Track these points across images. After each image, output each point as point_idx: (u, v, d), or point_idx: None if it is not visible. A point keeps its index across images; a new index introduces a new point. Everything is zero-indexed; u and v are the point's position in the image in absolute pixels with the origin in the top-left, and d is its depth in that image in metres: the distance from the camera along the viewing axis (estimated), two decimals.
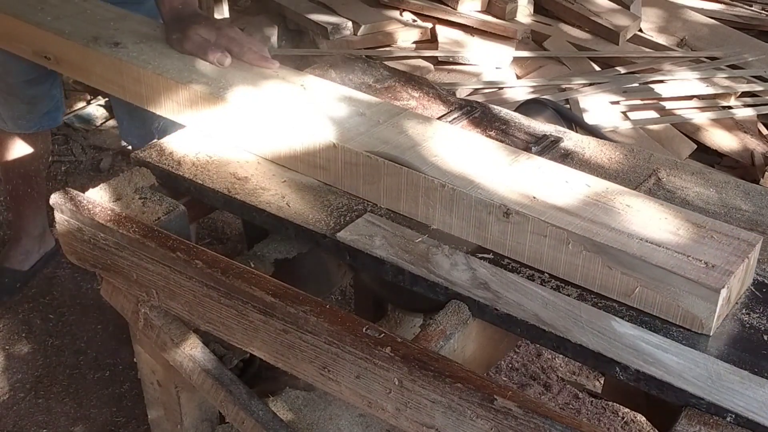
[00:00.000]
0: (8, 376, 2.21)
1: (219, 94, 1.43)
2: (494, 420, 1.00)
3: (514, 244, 1.20)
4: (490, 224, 1.21)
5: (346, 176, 1.32)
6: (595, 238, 1.13)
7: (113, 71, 1.54)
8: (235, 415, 1.30)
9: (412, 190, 1.27)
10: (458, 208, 1.23)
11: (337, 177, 1.34)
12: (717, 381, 1.02)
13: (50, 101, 2.13)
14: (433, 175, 1.24)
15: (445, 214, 1.25)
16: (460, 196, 1.22)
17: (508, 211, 1.18)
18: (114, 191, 1.37)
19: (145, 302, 1.35)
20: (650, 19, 3.96)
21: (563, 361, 2.32)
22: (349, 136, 1.33)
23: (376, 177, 1.29)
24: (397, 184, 1.27)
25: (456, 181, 1.23)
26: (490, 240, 1.22)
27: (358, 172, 1.31)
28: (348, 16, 3.69)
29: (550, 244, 1.17)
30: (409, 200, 1.28)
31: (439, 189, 1.23)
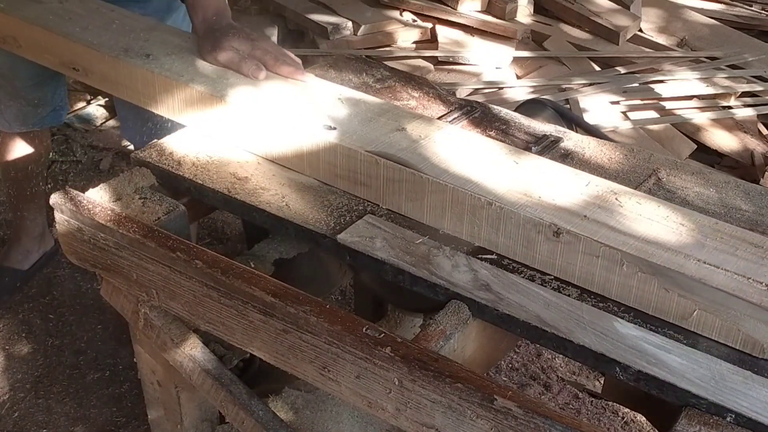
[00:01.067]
0: (8, 376, 2.21)
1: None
2: (494, 420, 1.00)
3: (564, 265, 1.16)
4: (538, 244, 1.17)
5: (388, 193, 1.29)
6: (651, 259, 1.09)
7: (144, 83, 1.50)
8: (235, 415, 1.30)
9: (456, 208, 1.23)
10: (505, 227, 1.19)
11: (378, 194, 1.30)
12: (720, 381, 1.02)
13: (55, 101, 2.13)
14: (476, 192, 1.20)
15: (491, 232, 1.21)
16: (507, 214, 1.18)
17: (558, 230, 1.14)
18: (114, 191, 1.37)
19: (145, 302, 1.35)
20: (650, 19, 3.96)
21: (563, 361, 2.32)
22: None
23: (419, 194, 1.25)
24: (441, 202, 1.24)
25: (503, 199, 1.19)
26: (538, 260, 1.18)
27: (401, 189, 1.27)
28: (348, 16, 3.69)
29: (603, 265, 1.13)
30: (453, 218, 1.24)
31: (485, 207, 1.19)
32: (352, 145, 1.30)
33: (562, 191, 1.22)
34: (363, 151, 1.28)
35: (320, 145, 1.32)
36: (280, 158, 1.39)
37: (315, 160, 1.34)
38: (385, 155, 1.28)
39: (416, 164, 1.26)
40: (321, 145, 1.32)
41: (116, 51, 1.53)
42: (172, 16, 1.95)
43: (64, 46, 1.59)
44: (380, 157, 1.27)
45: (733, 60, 3.60)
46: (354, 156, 1.29)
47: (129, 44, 1.56)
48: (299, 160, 1.36)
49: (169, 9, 1.95)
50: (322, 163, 1.33)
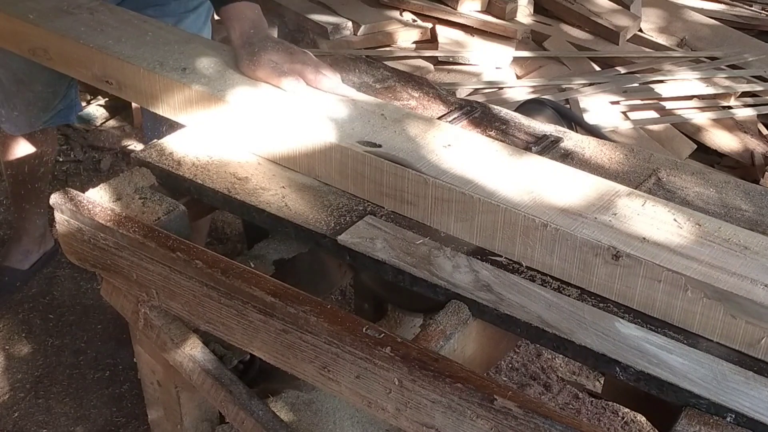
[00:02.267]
0: (8, 376, 2.21)
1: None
2: (494, 420, 1.00)
3: (623, 289, 1.13)
4: (596, 267, 1.13)
5: (436, 213, 1.25)
6: (717, 284, 1.05)
7: (182, 98, 1.47)
8: (235, 415, 1.30)
9: (508, 229, 1.19)
10: (561, 249, 1.16)
11: (426, 213, 1.27)
12: (722, 381, 1.02)
13: (64, 103, 2.13)
14: (530, 214, 1.16)
15: (545, 254, 1.17)
16: (563, 236, 1.14)
17: (618, 253, 1.11)
18: (114, 191, 1.37)
19: (145, 302, 1.35)
20: (650, 19, 3.96)
21: (563, 361, 2.32)
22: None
23: (469, 214, 1.22)
24: (492, 222, 1.20)
25: (558, 220, 1.15)
26: (595, 283, 1.15)
27: (450, 209, 1.23)
28: (348, 16, 3.69)
29: (665, 290, 1.09)
30: (504, 239, 1.20)
31: (540, 228, 1.16)
32: (399, 162, 1.26)
33: (620, 212, 1.18)
34: (412, 171, 1.25)
35: (368, 163, 1.29)
36: (314, 173, 1.37)
37: (361, 179, 1.31)
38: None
39: (461, 185, 1.22)
40: (367, 161, 1.29)
41: (151, 64, 1.49)
42: (189, 18, 1.94)
43: (97, 58, 1.55)
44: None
45: (733, 60, 3.60)
46: (402, 175, 1.26)
47: (164, 57, 1.52)
48: (343, 179, 1.33)
49: (185, 11, 1.94)
50: (367, 181, 1.30)
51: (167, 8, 1.89)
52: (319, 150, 1.33)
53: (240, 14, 1.55)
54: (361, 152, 1.29)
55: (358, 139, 1.31)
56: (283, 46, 1.52)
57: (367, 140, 1.31)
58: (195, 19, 1.95)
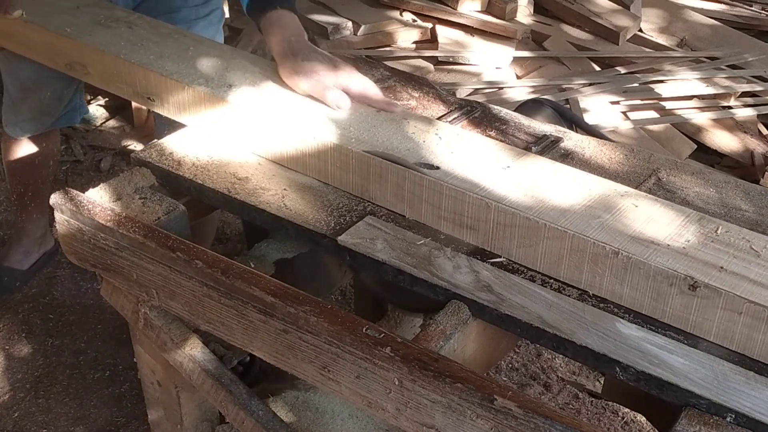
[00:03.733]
0: (8, 376, 2.21)
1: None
2: (494, 420, 1.00)
3: (700, 321, 1.07)
4: (670, 297, 1.08)
5: (498, 238, 1.20)
6: None
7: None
8: (235, 415, 1.30)
9: (576, 256, 1.14)
10: (632, 278, 1.10)
11: (486, 238, 1.21)
12: (723, 382, 1.02)
13: (69, 106, 2.13)
14: (600, 240, 1.11)
15: (614, 283, 1.12)
16: (635, 264, 1.09)
17: (695, 283, 1.05)
18: (114, 191, 1.37)
19: (145, 302, 1.35)
20: (650, 20, 3.96)
21: (563, 361, 2.32)
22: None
23: (534, 240, 1.17)
24: (558, 249, 1.15)
25: (630, 248, 1.10)
26: (669, 314, 1.10)
27: (513, 234, 1.18)
28: (348, 16, 3.69)
29: (746, 323, 1.04)
30: (571, 267, 1.15)
31: (611, 256, 1.11)
32: (459, 185, 1.22)
33: (694, 239, 1.14)
34: (471, 194, 1.20)
35: (424, 184, 1.25)
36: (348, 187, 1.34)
37: (418, 202, 1.27)
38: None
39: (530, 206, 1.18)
40: (425, 183, 1.24)
41: (197, 80, 1.46)
42: (200, 25, 1.93)
43: (139, 75, 1.51)
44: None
45: (733, 60, 3.60)
46: (463, 199, 1.21)
47: (208, 73, 1.49)
48: (398, 201, 1.29)
49: (196, 18, 1.93)
50: (425, 204, 1.25)
51: (178, 15, 1.88)
52: (374, 170, 1.29)
53: (281, 21, 1.51)
54: (412, 172, 1.24)
55: (419, 161, 1.27)
56: (327, 57, 1.47)
57: (425, 162, 1.28)
58: (206, 26, 1.94)
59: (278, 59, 1.48)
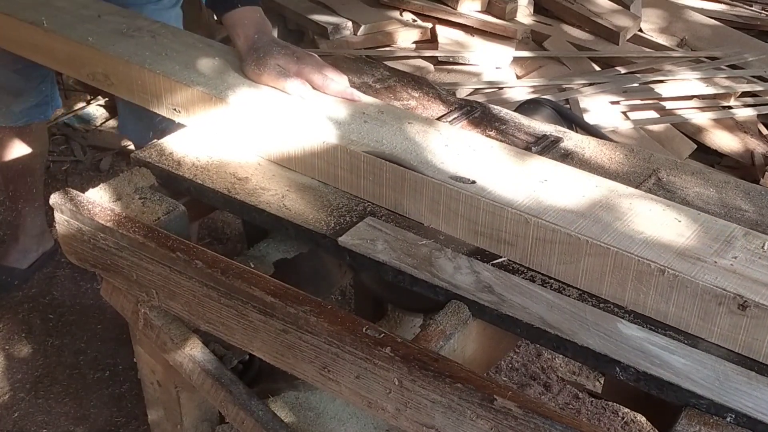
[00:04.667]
0: (8, 376, 2.21)
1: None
2: (494, 420, 1.00)
3: (749, 341, 1.05)
4: (718, 317, 1.05)
5: (537, 254, 1.17)
6: None
7: None
8: (235, 415, 1.30)
9: (618, 274, 1.11)
10: (678, 297, 1.07)
11: (524, 254, 1.19)
12: (725, 382, 1.02)
13: (38, 95, 2.13)
14: (645, 257, 1.08)
15: (659, 301, 1.09)
16: (682, 283, 1.06)
17: (745, 303, 1.02)
18: (114, 191, 1.37)
19: (145, 302, 1.35)
20: (650, 20, 3.96)
21: (563, 361, 2.32)
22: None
23: (575, 257, 1.14)
24: (600, 266, 1.12)
25: (676, 265, 1.07)
26: (716, 333, 1.07)
27: (553, 250, 1.16)
28: (348, 16, 3.69)
29: None
30: (614, 284, 1.12)
31: (656, 274, 1.07)
32: (496, 199, 1.19)
33: (740, 254, 1.11)
34: (510, 209, 1.17)
35: (461, 198, 1.22)
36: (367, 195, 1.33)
37: (454, 217, 1.24)
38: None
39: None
40: (462, 198, 1.22)
41: (224, 91, 1.44)
42: (149, 8, 1.91)
43: (166, 86, 1.48)
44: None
45: (733, 60, 3.60)
46: (501, 214, 1.18)
47: (236, 84, 1.47)
48: (433, 216, 1.26)
49: (147, 2, 1.93)
50: (461, 219, 1.23)
51: (128, 0, 1.87)
52: (409, 185, 1.26)
53: (244, 19, 1.54)
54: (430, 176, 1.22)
55: (452, 175, 1.25)
56: (289, 49, 1.50)
57: (460, 176, 1.24)
58: (157, 11, 1.92)
59: (242, 55, 1.52)
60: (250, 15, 1.55)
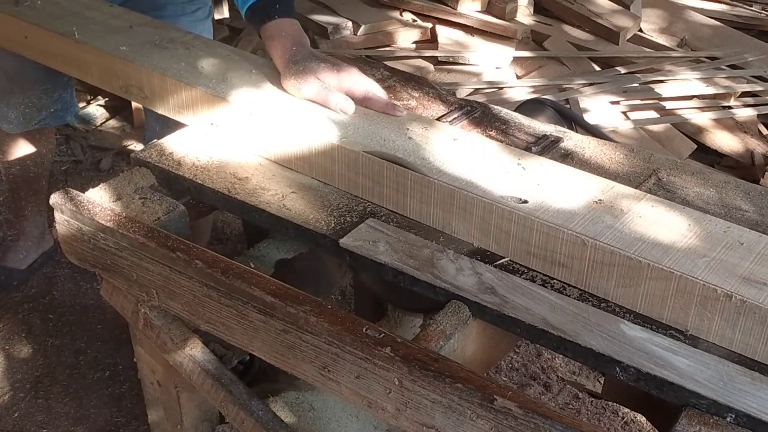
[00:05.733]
0: (8, 376, 2.21)
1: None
2: (494, 420, 1.00)
3: None
4: None
5: (594, 276, 1.14)
6: None
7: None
8: (235, 415, 1.30)
9: (682, 298, 1.07)
10: (746, 323, 1.04)
11: (580, 276, 1.15)
12: (728, 383, 1.02)
13: (60, 101, 2.13)
14: (710, 282, 1.04)
15: (725, 327, 1.06)
16: (750, 309, 1.03)
17: None
18: (114, 191, 1.37)
19: (145, 302, 1.35)
20: (650, 20, 3.96)
21: (563, 361, 2.32)
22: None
23: (635, 280, 1.10)
24: (662, 290, 1.08)
25: (743, 290, 1.03)
26: None
27: (611, 273, 1.12)
28: (348, 16, 3.69)
29: None
30: (676, 309, 1.08)
31: (722, 300, 1.04)
32: (551, 220, 1.16)
33: None
34: (565, 230, 1.13)
35: (513, 218, 1.18)
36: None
37: (506, 237, 1.20)
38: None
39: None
40: (514, 218, 1.18)
41: (265, 107, 1.41)
42: (185, 21, 1.93)
43: (203, 100, 1.46)
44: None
45: (733, 60, 3.60)
46: (556, 235, 1.15)
47: (274, 98, 1.44)
48: (483, 236, 1.23)
49: (182, 15, 1.94)
50: (513, 239, 1.19)
51: (164, 12, 1.88)
52: (459, 203, 1.23)
53: (281, 31, 1.51)
54: (506, 207, 1.18)
55: (506, 194, 1.21)
56: (329, 63, 1.47)
57: (513, 195, 1.21)
58: (191, 23, 1.95)
59: (281, 70, 1.48)
60: (287, 27, 1.52)
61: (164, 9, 1.90)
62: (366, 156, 1.28)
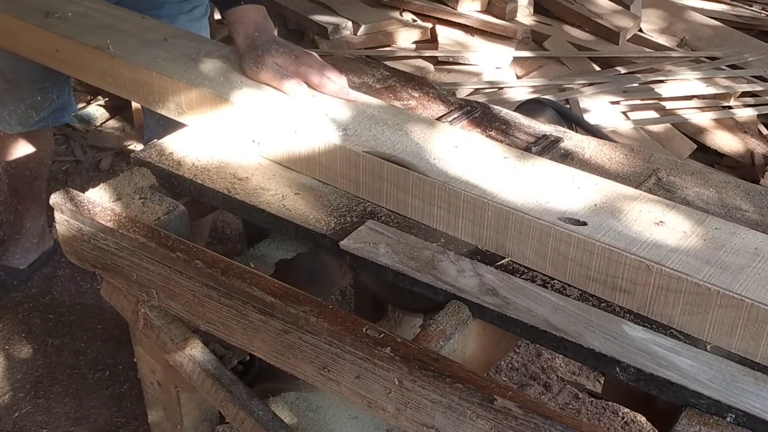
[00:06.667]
0: (8, 376, 2.21)
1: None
2: (494, 420, 1.00)
3: None
4: None
5: (658, 303, 1.09)
6: None
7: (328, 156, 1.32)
8: (235, 415, 1.30)
9: (753, 327, 1.03)
10: None
11: (643, 302, 1.10)
12: (731, 383, 1.02)
13: (58, 101, 2.13)
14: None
15: None
16: None
17: None
18: (114, 191, 1.37)
19: (145, 302, 1.35)
20: (650, 20, 3.96)
21: (563, 361, 2.32)
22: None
23: (703, 307, 1.06)
24: (732, 318, 1.04)
25: None
26: None
27: (677, 300, 1.07)
28: (348, 16, 3.69)
29: None
30: (746, 338, 1.04)
31: None
32: (613, 244, 1.11)
33: None
34: (629, 255, 1.08)
35: (572, 242, 1.13)
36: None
37: (564, 261, 1.16)
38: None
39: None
40: (573, 241, 1.13)
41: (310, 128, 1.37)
42: (182, 19, 1.93)
43: (247, 117, 1.42)
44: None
45: (733, 60, 3.60)
46: (618, 260, 1.10)
47: (315, 114, 1.40)
48: (539, 259, 1.18)
49: (179, 13, 1.94)
50: (571, 263, 1.15)
51: (162, 11, 1.88)
52: (514, 225, 1.19)
53: (245, 17, 1.53)
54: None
55: (560, 216, 1.16)
56: (288, 48, 1.50)
57: (569, 217, 1.16)
58: (189, 21, 1.95)
59: (241, 54, 1.51)
60: (251, 13, 1.55)
61: (162, 8, 1.90)
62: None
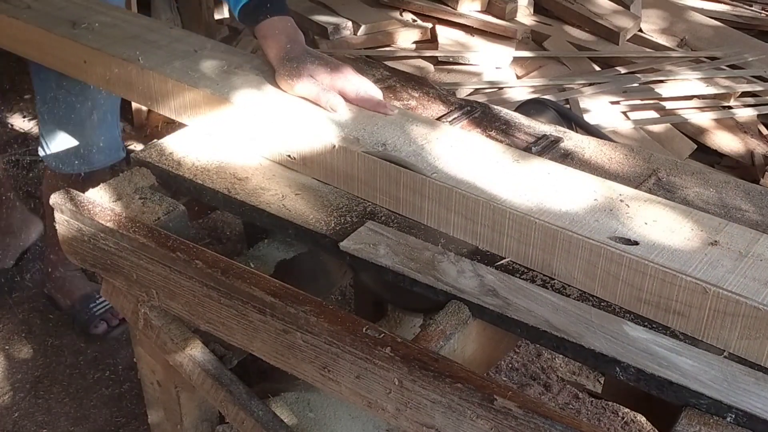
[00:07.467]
0: (8, 376, 2.21)
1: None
2: (494, 420, 1.00)
3: None
4: None
5: (714, 327, 1.05)
6: None
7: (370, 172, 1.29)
8: (235, 415, 1.30)
9: None
10: None
11: (698, 326, 1.06)
12: (733, 383, 1.02)
13: (107, 132, 2.11)
14: None
15: None
16: None
17: None
18: (114, 191, 1.37)
19: (145, 302, 1.35)
20: (651, 20, 3.96)
21: (563, 361, 2.32)
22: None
23: (763, 332, 1.02)
24: None
25: None
26: None
27: (735, 324, 1.04)
28: (348, 16, 3.69)
29: None
30: None
31: None
32: (669, 265, 1.07)
33: None
34: (684, 276, 1.04)
35: (624, 262, 1.09)
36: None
37: (614, 282, 1.12)
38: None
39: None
40: (625, 262, 1.09)
41: (344, 140, 1.33)
42: None
43: (283, 133, 1.38)
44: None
45: (733, 60, 3.60)
46: (673, 281, 1.06)
47: (357, 131, 1.35)
48: (588, 279, 1.15)
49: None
50: (622, 284, 1.11)
51: None
52: (562, 245, 1.15)
53: (275, 29, 1.50)
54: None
55: (610, 235, 1.12)
56: (323, 60, 1.46)
57: (620, 236, 1.12)
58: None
59: (275, 67, 1.48)
60: (281, 25, 1.51)
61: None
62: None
